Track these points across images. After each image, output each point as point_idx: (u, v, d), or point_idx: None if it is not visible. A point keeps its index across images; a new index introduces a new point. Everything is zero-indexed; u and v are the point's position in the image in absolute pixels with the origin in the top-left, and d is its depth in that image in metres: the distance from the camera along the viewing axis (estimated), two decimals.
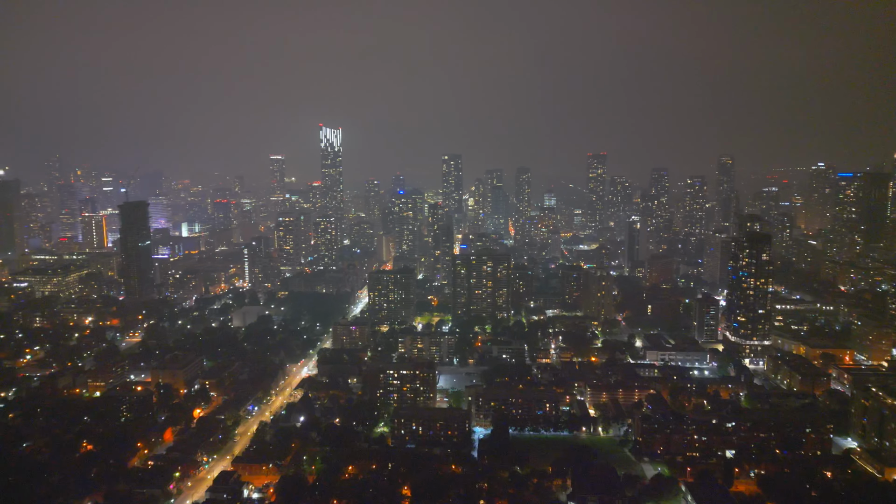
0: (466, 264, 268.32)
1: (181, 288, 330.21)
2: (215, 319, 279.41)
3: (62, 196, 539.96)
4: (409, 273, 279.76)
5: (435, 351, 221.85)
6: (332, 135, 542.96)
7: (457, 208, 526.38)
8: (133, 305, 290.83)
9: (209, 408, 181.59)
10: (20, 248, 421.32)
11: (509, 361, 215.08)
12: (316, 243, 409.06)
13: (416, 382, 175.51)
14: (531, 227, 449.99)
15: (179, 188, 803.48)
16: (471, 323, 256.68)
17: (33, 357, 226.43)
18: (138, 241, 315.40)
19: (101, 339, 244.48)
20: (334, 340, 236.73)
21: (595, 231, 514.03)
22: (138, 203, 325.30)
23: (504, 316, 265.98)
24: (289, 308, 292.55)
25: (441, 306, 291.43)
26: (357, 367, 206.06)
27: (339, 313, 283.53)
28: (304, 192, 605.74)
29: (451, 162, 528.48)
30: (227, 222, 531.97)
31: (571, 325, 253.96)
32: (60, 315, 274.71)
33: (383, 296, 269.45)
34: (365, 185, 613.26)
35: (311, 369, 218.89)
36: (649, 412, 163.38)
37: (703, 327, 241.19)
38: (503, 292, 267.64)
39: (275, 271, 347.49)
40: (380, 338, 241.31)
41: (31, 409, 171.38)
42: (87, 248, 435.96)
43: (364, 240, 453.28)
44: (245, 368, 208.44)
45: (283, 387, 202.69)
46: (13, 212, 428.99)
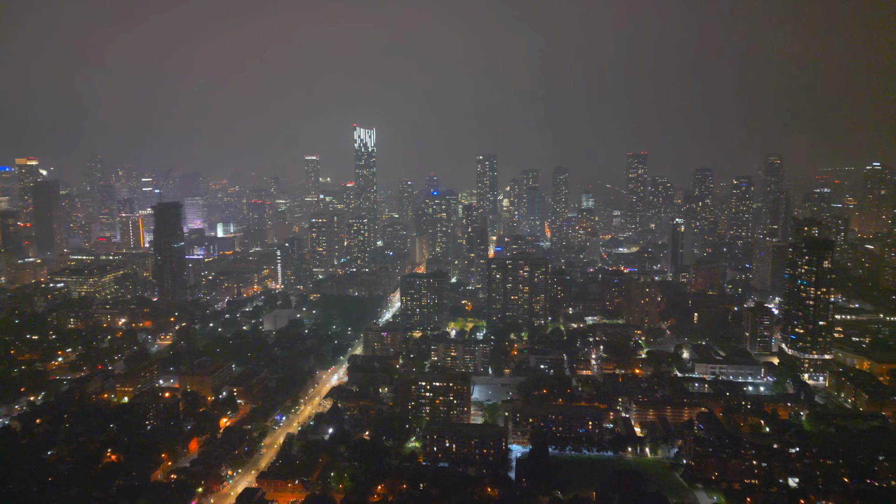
0: (502, 269, 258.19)
1: (214, 289, 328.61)
2: (246, 322, 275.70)
3: (101, 196, 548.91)
4: (443, 277, 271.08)
5: (469, 360, 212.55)
6: (366, 135, 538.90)
7: (491, 209, 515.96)
8: (165, 307, 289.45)
9: (236, 416, 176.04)
10: (59, 249, 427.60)
11: (547, 372, 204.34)
12: (349, 245, 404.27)
13: (449, 395, 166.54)
14: (568, 229, 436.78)
15: (217, 188, 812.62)
16: (506, 330, 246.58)
17: (65, 359, 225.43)
18: (172, 243, 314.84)
19: (132, 341, 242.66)
20: (365, 346, 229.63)
21: (635, 233, 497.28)
22: (172, 204, 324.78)
23: (541, 323, 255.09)
24: (320, 311, 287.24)
25: (475, 311, 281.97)
26: (388, 376, 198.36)
27: (370, 317, 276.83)
28: (338, 192, 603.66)
29: (486, 162, 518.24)
30: (262, 223, 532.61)
31: (613, 333, 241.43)
32: (94, 316, 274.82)
33: (416, 300, 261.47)
34: (398, 185, 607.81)
35: (341, 376, 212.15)
36: (702, 433, 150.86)
37: (757, 338, 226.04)
38: (540, 298, 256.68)
39: (307, 273, 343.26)
40: (412, 344, 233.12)
41: (58, 415, 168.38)
42: (123, 248, 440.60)
43: (397, 241, 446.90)
44: (274, 375, 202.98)
45: (312, 395, 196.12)
46: (52, 212, 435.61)
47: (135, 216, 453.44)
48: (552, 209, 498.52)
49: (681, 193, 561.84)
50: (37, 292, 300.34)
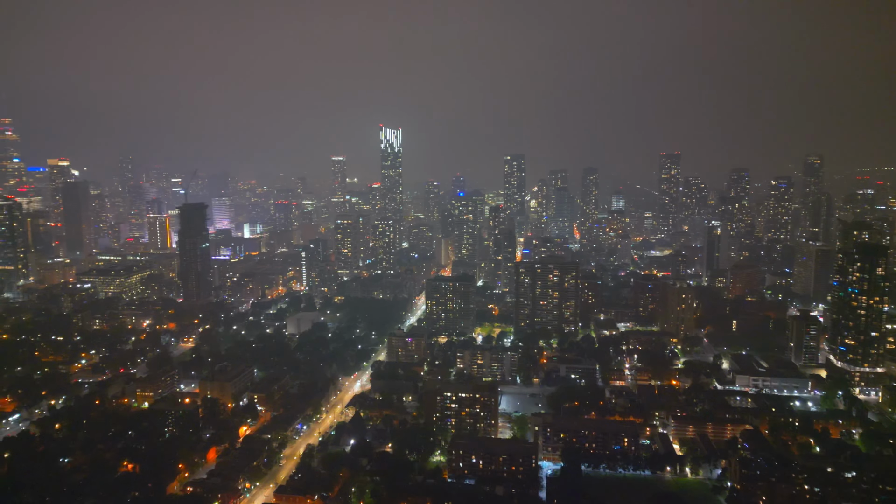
0: (531, 273, 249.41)
1: (238, 291, 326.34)
2: (270, 325, 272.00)
3: (131, 196, 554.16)
4: (469, 281, 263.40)
5: (496, 368, 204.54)
6: (393, 135, 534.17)
7: (519, 210, 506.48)
8: (190, 309, 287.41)
9: (256, 425, 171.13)
10: (88, 249, 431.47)
11: (578, 383, 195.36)
12: (374, 246, 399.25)
13: (475, 407, 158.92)
14: (599, 231, 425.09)
15: (245, 189, 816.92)
16: (535, 336, 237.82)
17: (88, 362, 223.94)
18: (197, 244, 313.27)
19: (155, 343, 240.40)
20: (389, 352, 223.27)
21: (668, 236, 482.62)
22: (197, 205, 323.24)
23: (571, 330, 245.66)
24: (344, 314, 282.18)
25: (502, 316, 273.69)
26: (413, 384, 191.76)
27: (395, 321, 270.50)
28: (364, 193, 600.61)
29: (514, 162, 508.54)
30: (288, 223, 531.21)
31: (647, 341, 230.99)
32: (119, 317, 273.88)
33: (441, 304, 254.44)
34: (424, 186, 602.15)
35: (364, 383, 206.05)
36: (748, 453, 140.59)
37: (802, 349, 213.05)
38: (571, 304, 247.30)
39: (332, 275, 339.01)
40: (437, 350, 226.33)
41: (77, 420, 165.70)
42: (151, 248, 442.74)
43: (423, 242, 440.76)
44: (296, 381, 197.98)
45: (335, 403, 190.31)
46: (82, 212, 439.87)
47: (162, 216, 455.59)
48: (581, 210, 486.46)
49: (715, 195, 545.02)
50: (64, 292, 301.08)
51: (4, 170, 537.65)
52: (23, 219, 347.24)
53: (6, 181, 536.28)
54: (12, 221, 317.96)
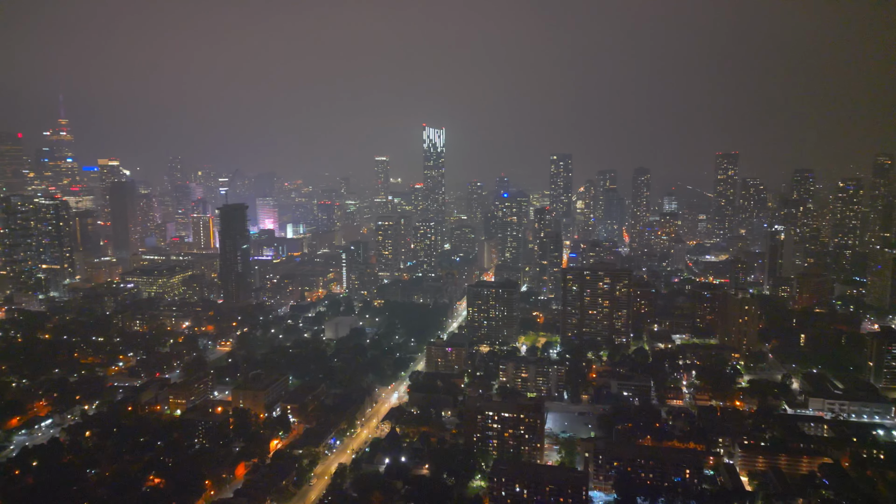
0: (579, 280, 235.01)
1: (278, 293, 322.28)
2: (308, 329, 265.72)
3: (178, 196, 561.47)
4: (513, 287, 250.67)
5: (542, 382, 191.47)
6: (436, 135, 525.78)
7: (565, 212, 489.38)
8: (229, 311, 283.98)
9: (288, 438, 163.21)
10: (134, 248, 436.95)
11: (632, 401, 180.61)
12: (415, 248, 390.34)
13: (520, 428, 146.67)
14: (650, 234, 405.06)
15: (291, 188, 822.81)
16: (583, 348, 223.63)
17: (125, 364, 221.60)
18: (237, 244, 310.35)
19: (192, 347, 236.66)
20: (428, 362, 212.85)
21: (723, 240, 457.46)
22: (237, 205, 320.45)
23: (622, 341, 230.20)
24: (383, 319, 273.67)
25: (548, 325, 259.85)
26: (452, 398, 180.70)
27: (435, 328, 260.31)
28: (407, 194, 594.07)
29: (561, 162, 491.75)
30: (331, 224, 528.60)
31: (706, 356, 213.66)
32: (159, 319, 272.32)
33: (483, 312, 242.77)
34: (467, 186, 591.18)
35: (401, 394, 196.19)
36: (829, 493, 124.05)
37: (883, 369, 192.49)
38: (622, 313, 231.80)
39: (371, 278, 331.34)
40: (478, 360, 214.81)
41: (108, 428, 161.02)
42: (195, 248, 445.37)
43: (465, 244, 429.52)
44: (331, 391, 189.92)
45: (370, 416, 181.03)
46: (128, 211, 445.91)
47: (206, 216, 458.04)
48: (631, 212, 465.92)
49: (774, 197, 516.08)
50: (107, 292, 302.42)
51: (58, 169, 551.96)
52: (69, 218, 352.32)
53: (60, 180, 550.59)
54: (59, 221, 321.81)
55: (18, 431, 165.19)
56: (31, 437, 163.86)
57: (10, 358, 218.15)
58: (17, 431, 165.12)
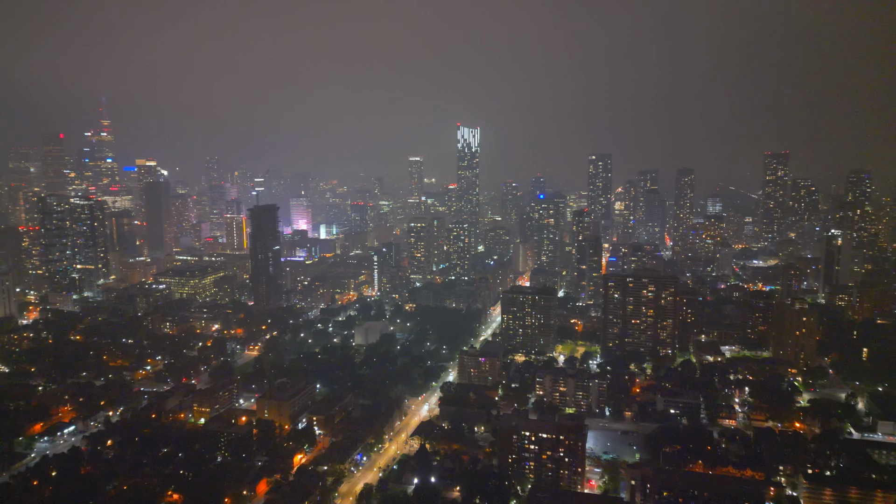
0: (621, 287, 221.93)
1: (309, 295, 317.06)
2: (338, 334, 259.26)
3: (213, 196, 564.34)
4: (550, 294, 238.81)
5: (582, 397, 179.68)
6: (470, 134, 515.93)
7: (604, 214, 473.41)
8: (259, 314, 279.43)
9: (313, 452, 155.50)
10: (168, 248, 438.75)
11: (679, 420, 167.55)
12: (448, 250, 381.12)
13: (559, 450, 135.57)
14: (695, 237, 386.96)
15: (326, 189, 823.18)
16: (625, 359, 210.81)
17: (153, 368, 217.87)
18: (268, 246, 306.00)
19: (220, 351, 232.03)
20: (460, 372, 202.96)
21: (772, 244, 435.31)
22: (268, 207, 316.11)
23: (668, 353, 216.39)
24: (414, 325, 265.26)
25: (587, 333, 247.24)
26: (486, 413, 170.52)
27: (468, 334, 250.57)
28: (440, 194, 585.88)
29: (600, 162, 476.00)
30: (364, 225, 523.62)
31: (759, 371, 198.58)
32: (189, 321, 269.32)
33: (518, 319, 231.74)
34: (502, 187, 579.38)
35: (432, 406, 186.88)
36: None
37: None
38: (667, 323, 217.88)
39: (403, 281, 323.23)
40: (513, 371, 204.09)
41: (130, 437, 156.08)
42: (227, 249, 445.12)
43: (499, 247, 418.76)
44: (359, 401, 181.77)
45: (399, 430, 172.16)
46: (162, 211, 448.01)
47: (239, 217, 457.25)
48: (674, 215, 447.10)
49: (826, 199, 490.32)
50: (140, 293, 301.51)
51: (98, 169, 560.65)
52: (104, 219, 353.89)
53: (100, 180, 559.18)
54: (93, 221, 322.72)
55: (41, 438, 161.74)
56: (52, 445, 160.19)
57: (40, 360, 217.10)
58: (40, 438, 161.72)
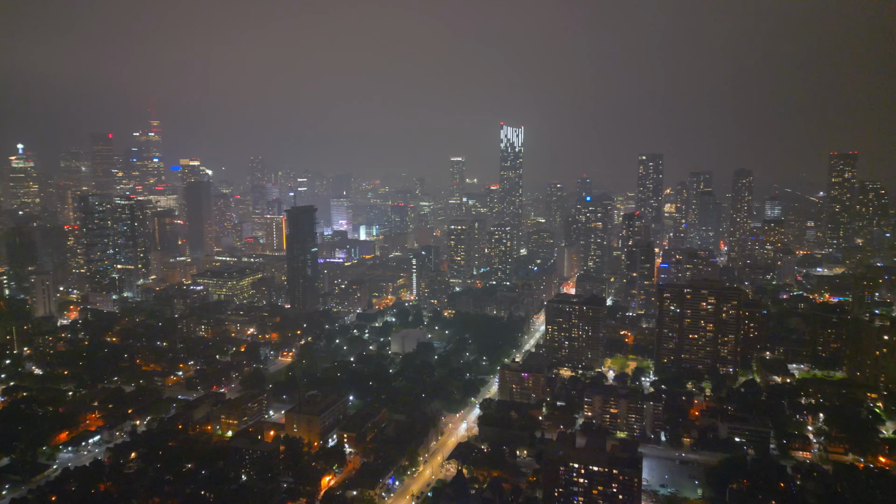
0: (678, 298, 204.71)
1: (346, 299, 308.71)
2: (374, 341, 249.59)
3: (255, 197, 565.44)
4: (599, 304, 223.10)
5: (634, 420, 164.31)
6: (514, 134, 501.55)
7: (654, 217, 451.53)
8: (295, 317, 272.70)
9: (342, 473, 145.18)
10: (209, 248, 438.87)
11: (745, 450, 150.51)
12: (489, 253, 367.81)
13: (611, 486, 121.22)
14: (754, 243, 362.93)
15: (368, 189, 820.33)
16: (681, 377, 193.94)
17: (184, 374, 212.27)
18: (306, 248, 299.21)
19: (254, 357, 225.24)
20: (501, 388, 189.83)
21: (837, 250, 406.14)
22: (306, 208, 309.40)
23: (729, 372, 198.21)
24: (453, 333, 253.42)
25: (638, 347, 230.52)
26: (529, 435, 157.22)
27: (509, 345, 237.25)
28: (482, 195, 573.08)
29: (650, 163, 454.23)
30: (404, 226, 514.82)
31: (834, 395, 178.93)
32: (225, 324, 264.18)
33: (564, 331, 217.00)
34: (546, 188, 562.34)
35: (470, 425, 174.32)
36: None
37: None
38: (729, 339, 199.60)
39: (442, 286, 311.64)
40: (559, 387, 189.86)
41: (154, 449, 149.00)
42: (267, 249, 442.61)
43: (542, 250, 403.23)
44: (393, 416, 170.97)
45: (435, 450, 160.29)
46: (202, 211, 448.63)
47: (279, 217, 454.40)
48: (730, 218, 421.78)
49: None
50: (177, 294, 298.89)
51: (145, 169, 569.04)
52: (145, 218, 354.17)
53: (147, 180, 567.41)
54: (133, 221, 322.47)
55: (66, 448, 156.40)
56: (76, 455, 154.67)
57: (73, 363, 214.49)
58: (65, 448, 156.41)
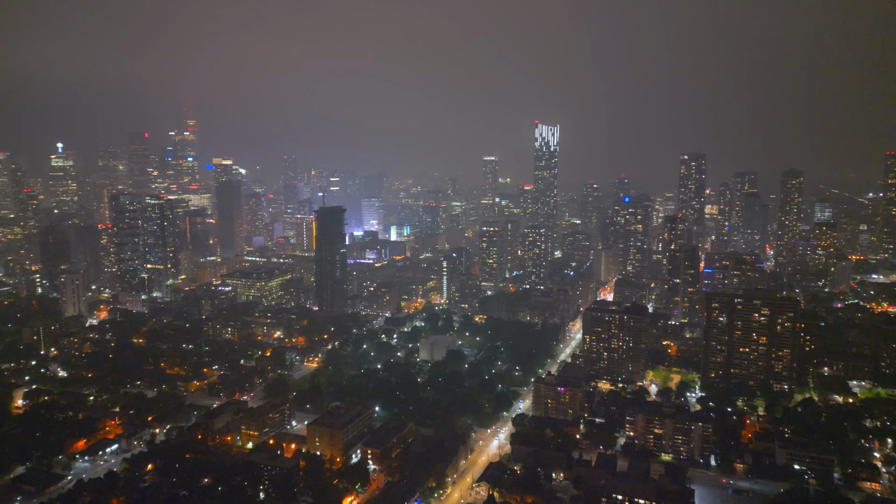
0: (727, 308, 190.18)
1: (375, 302, 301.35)
2: (402, 347, 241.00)
3: (286, 196, 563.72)
4: (641, 313, 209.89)
5: (682, 442, 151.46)
6: (549, 133, 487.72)
7: (696, 219, 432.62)
8: (322, 321, 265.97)
9: (365, 494, 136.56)
10: (239, 247, 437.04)
11: (806, 478, 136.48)
12: (523, 256, 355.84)
13: None
14: (806, 247, 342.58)
15: (401, 188, 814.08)
16: (731, 394, 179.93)
17: (208, 379, 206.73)
18: (334, 250, 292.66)
19: (279, 362, 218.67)
20: (535, 402, 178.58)
21: (894, 256, 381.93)
22: (335, 208, 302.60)
23: (784, 389, 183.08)
24: (484, 340, 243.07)
25: (682, 359, 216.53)
26: (565, 456, 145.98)
27: (544, 354, 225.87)
28: (515, 196, 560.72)
29: (692, 163, 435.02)
30: (435, 227, 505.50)
31: None
32: (251, 327, 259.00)
33: (603, 341, 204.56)
34: (582, 188, 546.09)
35: (502, 442, 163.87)
36: None
37: None
38: (785, 353, 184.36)
39: (474, 290, 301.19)
40: (597, 402, 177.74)
41: (171, 462, 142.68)
42: (297, 250, 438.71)
43: (578, 253, 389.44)
44: (421, 430, 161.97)
45: (464, 470, 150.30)
46: (233, 210, 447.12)
47: (309, 217, 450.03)
48: (778, 221, 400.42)
49: None
50: (206, 295, 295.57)
51: (180, 168, 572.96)
52: (175, 218, 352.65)
53: (182, 179, 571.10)
54: (163, 220, 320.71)
55: (82, 457, 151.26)
56: (92, 465, 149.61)
57: (99, 365, 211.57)
58: (81, 457, 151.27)
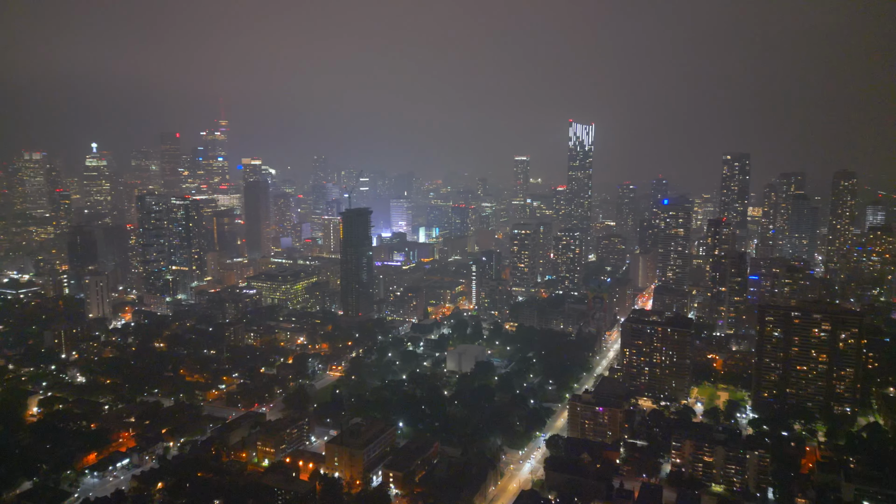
0: (783, 322, 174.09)
1: (402, 307, 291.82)
2: (429, 356, 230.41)
3: (315, 197, 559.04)
4: (685, 325, 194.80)
5: (735, 472, 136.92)
6: (584, 132, 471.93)
7: (739, 222, 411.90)
8: (347, 326, 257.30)
9: None
10: (266, 248, 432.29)
11: None
12: (555, 260, 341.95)
13: None
14: (861, 254, 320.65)
15: (430, 189, 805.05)
16: (785, 416, 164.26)
17: (227, 387, 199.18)
18: (360, 253, 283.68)
19: (301, 370, 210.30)
20: (571, 422, 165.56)
21: None
22: (361, 210, 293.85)
23: (846, 412, 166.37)
24: (515, 350, 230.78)
25: (729, 374, 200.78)
26: (605, 486, 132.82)
27: (579, 367, 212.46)
28: (547, 196, 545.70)
29: (736, 163, 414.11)
30: (464, 228, 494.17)
31: None
32: (274, 332, 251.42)
33: (644, 355, 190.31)
34: (617, 189, 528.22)
35: (535, 467, 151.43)
36: None
37: None
38: (847, 372, 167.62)
39: (504, 296, 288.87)
40: (639, 421, 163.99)
41: (181, 481, 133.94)
42: (324, 251, 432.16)
43: (614, 256, 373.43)
44: (445, 451, 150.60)
45: (494, 497, 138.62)
46: (260, 211, 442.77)
47: (336, 219, 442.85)
48: (830, 225, 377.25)
49: None
50: (230, 297, 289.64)
51: (210, 168, 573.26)
52: (200, 219, 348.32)
53: (212, 179, 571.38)
54: (188, 221, 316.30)
55: (92, 472, 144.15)
56: (101, 481, 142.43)
57: (118, 370, 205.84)
58: (91, 472, 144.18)
